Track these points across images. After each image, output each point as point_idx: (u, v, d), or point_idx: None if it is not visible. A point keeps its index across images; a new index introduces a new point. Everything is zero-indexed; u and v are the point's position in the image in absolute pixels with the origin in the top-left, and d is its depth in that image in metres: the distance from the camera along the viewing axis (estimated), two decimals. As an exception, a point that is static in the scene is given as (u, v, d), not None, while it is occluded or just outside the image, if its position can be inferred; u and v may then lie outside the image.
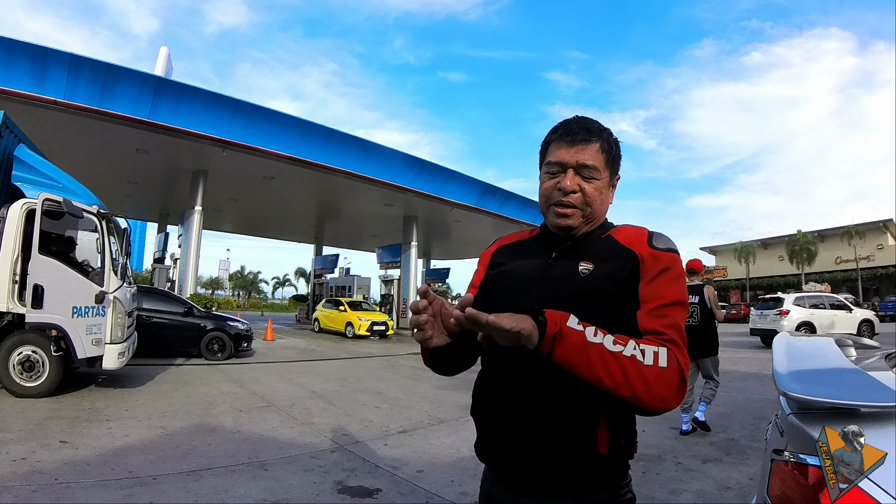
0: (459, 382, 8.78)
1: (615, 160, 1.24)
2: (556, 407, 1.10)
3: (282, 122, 15.33)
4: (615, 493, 1.14)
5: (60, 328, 6.40)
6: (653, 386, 0.98)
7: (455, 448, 4.98)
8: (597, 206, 1.20)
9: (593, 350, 0.98)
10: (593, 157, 1.18)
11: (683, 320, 1.11)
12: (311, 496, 3.68)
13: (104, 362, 6.68)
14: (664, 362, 0.99)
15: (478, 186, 21.27)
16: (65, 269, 6.56)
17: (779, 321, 15.68)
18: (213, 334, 11.17)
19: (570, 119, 1.25)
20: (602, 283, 1.13)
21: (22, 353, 6.30)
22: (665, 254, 1.14)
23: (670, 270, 1.13)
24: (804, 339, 1.87)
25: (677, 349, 1.03)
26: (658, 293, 1.10)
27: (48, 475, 3.80)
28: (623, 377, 0.97)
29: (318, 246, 31.10)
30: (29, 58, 11.54)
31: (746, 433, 5.50)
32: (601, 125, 1.24)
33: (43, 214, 6.40)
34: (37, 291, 6.28)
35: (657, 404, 0.99)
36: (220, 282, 74.99)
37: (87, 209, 6.81)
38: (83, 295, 6.56)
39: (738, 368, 10.89)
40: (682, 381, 1.01)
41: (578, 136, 1.19)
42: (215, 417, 5.88)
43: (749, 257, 49.78)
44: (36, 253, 6.32)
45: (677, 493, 3.80)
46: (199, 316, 11.34)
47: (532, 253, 1.28)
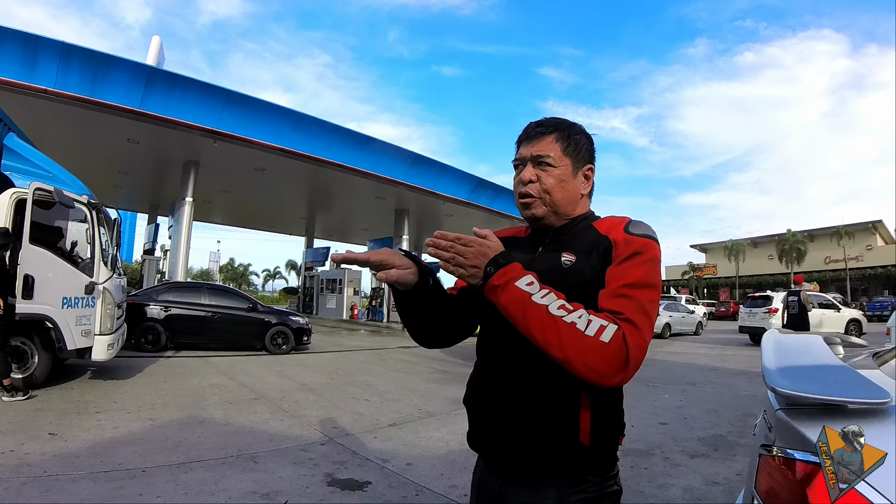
0: (450, 376, 8.82)
1: (577, 149, 1.26)
2: (539, 398, 1.13)
3: (274, 113, 15.24)
4: (599, 484, 1.16)
5: (51, 319, 6.32)
6: (587, 356, 0.98)
7: (445, 441, 5.00)
8: (556, 193, 1.23)
9: (532, 308, 1.02)
10: (547, 148, 1.23)
11: (650, 303, 1.09)
12: (301, 488, 3.68)
13: (93, 353, 6.62)
14: (607, 338, 0.99)
15: (470, 181, 21.29)
16: (55, 259, 6.47)
17: (767, 319, 15.79)
18: (277, 329, 11.58)
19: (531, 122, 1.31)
20: (583, 272, 1.15)
21: (11, 344, 6.19)
22: (639, 238, 1.14)
23: (641, 254, 1.12)
24: (793, 337, 1.89)
25: (631, 329, 1.02)
26: (623, 274, 1.10)
27: (37, 467, 3.77)
28: (556, 338, 0.99)
29: (309, 238, 31.07)
30: (19, 46, 11.38)
31: (734, 429, 5.55)
32: (562, 120, 1.29)
33: (33, 204, 6.28)
34: (27, 282, 6.19)
35: (590, 375, 0.99)
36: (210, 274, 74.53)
37: (77, 199, 6.74)
38: (73, 285, 6.49)
39: (727, 365, 10.98)
40: (626, 360, 0.99)
41: (533, 132, 1.26)
42: (205, 410, 5.87)
43: (739, 256, 50.06)
44: (27, 243, 6.20)
45: (665, 488, 3.84)
46: (262, 311, 11.83)
47: (522, 249, 1.30)
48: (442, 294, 1.26)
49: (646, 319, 1.06)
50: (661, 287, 1.56)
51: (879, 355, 1.88)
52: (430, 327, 1.31)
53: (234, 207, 25.53)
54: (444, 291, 1.27)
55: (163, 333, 10.44)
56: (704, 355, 13.14)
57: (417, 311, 1.25)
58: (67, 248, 7.19)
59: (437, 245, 1.08)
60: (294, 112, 15.89)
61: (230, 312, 11.37)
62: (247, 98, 14.78)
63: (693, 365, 11.11)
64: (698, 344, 16.47)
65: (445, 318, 1.29)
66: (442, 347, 1.40)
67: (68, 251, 7.09)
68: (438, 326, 1.31)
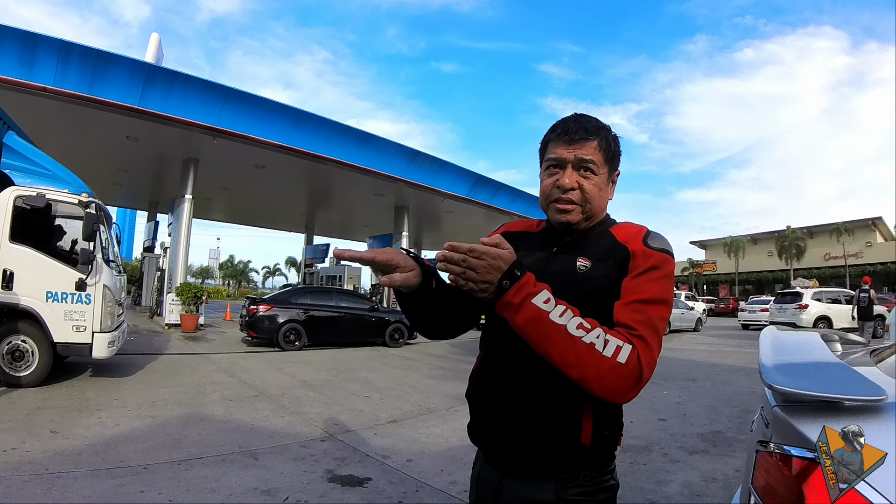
0: (450, 373, 8.83)
1: (614, 156, 1.26)
2: (544, 397, 1.14)
3: (273, 110, 15.17)
4: (597, 479, 1.18)
5: (34, 311, 6.39)
6: (604, 377, 0.98)
7: (445, 438, 5.02)
8: (596, 202, 1.22)
9: (551, 329, 1.00)
10: (591, 154, 1.20)
11: (661, 320, 1.10)
12: (302, 485, 3.69)
13: (94, 351, 6.62)
14: (623, 359, 0.99)
15: (469, 177, 21.22)
16: (37, 255, 6.51)
17: (798, 315, 16.78)
18: (395, 326, 13.24)
19: (568, 117, 1.27)
20: (598, 279, 1.15)
21: (11, 343, 6.30)
22: (657, 253, 1.15)
23: (658, 269, 1.13)
24: (790, 334, 1.89)
25: (644, 347, 1.03)
26: (639, 288, 1.11)
27: (39, 465, 3.79)
28: (574, 360, 0.99)
29: (309, 235, 30.97)
30: (18, 43, 11.32)
31: (733, 426, 5.57)
32: (599, 122, 1.25)
33: (26, 204, 6.39)
34: (5, 275, 6.28)
35: (605, 395, 1.01)
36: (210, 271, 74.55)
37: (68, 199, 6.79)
38: (59, 281, 6.53)
39: (726, 362, 11.00)
40: (639, 379, 1.00)
41: (577, 135, 1.21)
42: (206, 407, 5.88)
43: (738, 252, 50.01)
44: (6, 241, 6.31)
45: (664, 484, 3.85)
46: (382, 311, 13.50)
47: (535, 245, 1.30)
48: (445, 291, 1.24)
49: (656, 337, 1.08)
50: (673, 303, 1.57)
51: (877, 353, 1.89)
52: (433, 322, 1.31)
53: (233, 204, 25.44)
54: (447, 288, 1.25)
55: (303, 332, 11.87)
56: (704, 352, 13.17)
57: (421, 309, 1.25)
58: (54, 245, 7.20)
59: (449, 259, 1.03)
60: (293, 109, 15.82)
61: (357, 313, 13.04)
62: (246, 95, 14.71)
63: (692, 361, 11.13)
64: (698, 340, 16.49)
65: (449, 312, 1.29)
66: (446, 339, 1.40)
67: (54, 248, 7.09)
68: (442, 320, 1.31)
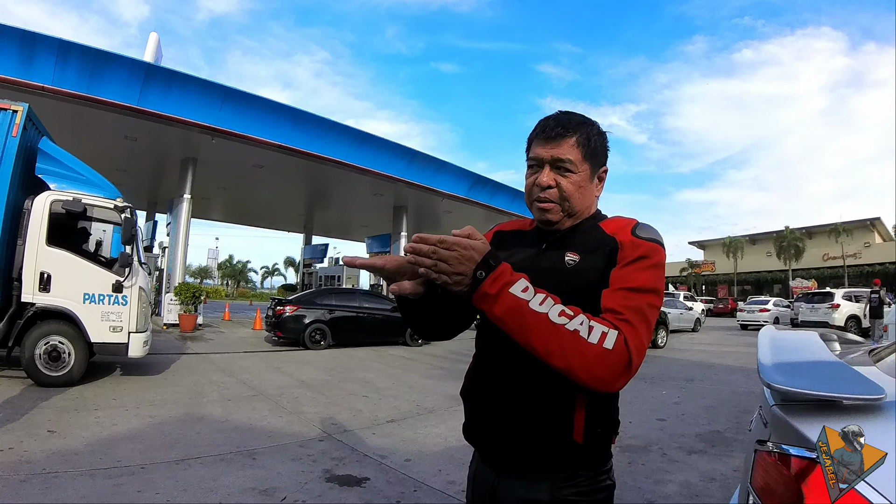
0: (447, 373, 8.83)
1: (595, 153, 1.23)
2: (534, 394, 1.14)
3: (272, 110, 15.16)
4: (592, 479, 1.17)
5: (71, 312, 6.54)
6: (591, 365, 0.96)
7: (443, 437, 5.01)
8: (575, 200, 1.21)
9: (531, 317, 0.98)
10: (568, 152, 1.19)
11: (651, 308, 1.08)
12: (300, 485, 3.69)
13: (130, 350, 6.85)
14: (610, 344, 0.97)
15: (468, 177, 21.23)
16: (74, 258, 6.71)
17: (831, 314, 18.39)
18: None
19: (549, 115, 1.26)
20: (587, 272, 1.15)
21: (49, 343, 6.41)
22: (646, 242, 1.14)
23: (647, 259, 1.12)
24: (789, 333, 1.89)
25: (631, 332, 1.01)
26: (628, 277, 1.09)
27: (36, 465, 3.78)
28: (559, 348, 0.97)
29: (308, 235, 30.96)
30: (16, 42, 11.31)
31: (732, 426, 5.57)
32: (582, 118, 1.24)
33: (63, 208, 6.58)
34: (43, 277, 6.45)
35: (594, 383, 0.98)
36: (208, 271, 74.36)
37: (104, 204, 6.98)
38: (97, 283, 6.72)
39: (724, 362, 11.01)
40: (628, 365, 0.98)
41: (553, 132, 1.20)
42: (203, 406, 5.87)
43: (737, 253, 50.06)
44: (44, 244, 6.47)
45: (662, 484, 3.85)
46: None
47: (526, 243, 1.30)
48: (449, 297, 1.22)
49: (645, 323, 1.06)
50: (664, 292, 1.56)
51: (876, 352, 1.89)
52: (432, 324, 1.30)
53: (232, 204, 25.42)
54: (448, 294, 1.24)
55: (328, 332, 12.19)
56: (702, 352, 13.18)
57: (422, 314, 1.24)
58: (91, 248, 7.55)
59: (418, 251, 1.01)
60: (292, 109, 15.81)
61: (379, 313, 13.24)
62: (245, 95, 14.70)
63: (691, 361, 11.15)
64: (696, 340, 16.50)
65: (446, 315, 1.29)
66: (443, 340, 1.40)
67: (92, 252, 7.39)
68: (440, 323, 1.31)
